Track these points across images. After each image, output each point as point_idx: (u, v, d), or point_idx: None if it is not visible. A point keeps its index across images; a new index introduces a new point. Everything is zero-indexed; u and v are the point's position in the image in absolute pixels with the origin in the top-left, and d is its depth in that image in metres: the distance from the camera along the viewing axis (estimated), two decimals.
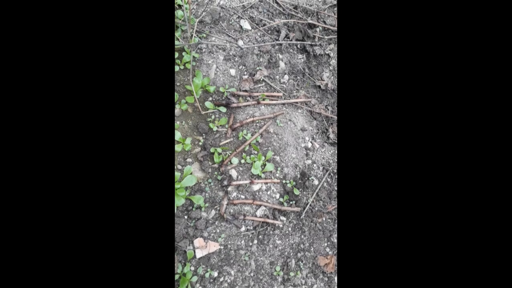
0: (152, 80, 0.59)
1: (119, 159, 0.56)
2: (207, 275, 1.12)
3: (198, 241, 1.15)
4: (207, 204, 1.21)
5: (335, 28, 1.65)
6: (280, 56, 1.52)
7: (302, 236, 1.27)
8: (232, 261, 1.17)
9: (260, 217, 1.24)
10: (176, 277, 1.08)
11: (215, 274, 1.14)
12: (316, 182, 1.36)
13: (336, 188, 1.38)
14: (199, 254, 1.14)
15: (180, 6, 1.44)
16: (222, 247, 1.17)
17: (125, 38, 0.58)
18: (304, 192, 1.32)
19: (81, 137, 0.55)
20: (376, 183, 0.56)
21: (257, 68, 1.46)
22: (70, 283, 0.52)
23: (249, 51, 1.48)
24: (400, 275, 0.54)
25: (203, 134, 1.30)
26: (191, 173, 1.18)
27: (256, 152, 1.32)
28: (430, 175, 0.54)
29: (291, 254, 1.23)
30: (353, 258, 0.56)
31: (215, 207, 1.22)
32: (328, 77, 1.58)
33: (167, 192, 0.60)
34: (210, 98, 1.36)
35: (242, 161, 1.30)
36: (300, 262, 1.23)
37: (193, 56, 1.37)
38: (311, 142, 1.42)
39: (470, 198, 0.52)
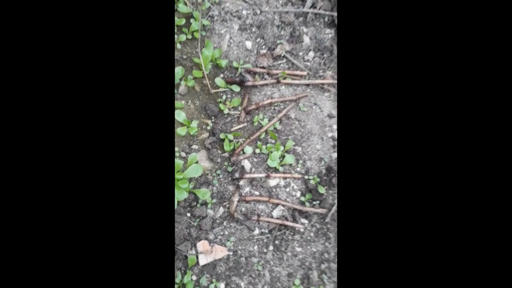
0: (148, 52, 0.59)
1: (108, 145, 0.56)
2: (211, 286, 1.07)
3: (202, 245, 1.11)
4: (214, 200, 1.16)
5: None
6: (305, 30, 1.41)
7: (327, 244, 1.19)
8: (242, 271, 1.12)
9: (277, 218, 1.18)
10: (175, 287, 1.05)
11: (222, 286, 1.09)
12: None
13: None
14: (202, 260, 1.09)
15: None
16: (230, 253, 1.13)
17: (120, 5, 0.57)
18: (330, 191, 1.23)
19: (70, 126, 0.56)
20: (376, 181, 0.61)
21: (278, 41, 1.36)
22: None
23: (269, 21, 1.37)
24: (402, 276, 0.58)
25: (212, 117, 1.24)
26: (196, 162, 1.13)
27: (273, 140, 1.26)
28: (431, 173, 0.59)
29: (313, 265, 1.17)
30: (354, 259, 0.60)
31: (224, 204, 1.18)
32: None
33: (166, 183, 0.58)
34: (222, 75, 1.29)
35: (257, 150, 1.24)
36: (323, 275, 1.16)
37: (203, 24, 1.28)
38: None
39: (472, 197, 0.57)
